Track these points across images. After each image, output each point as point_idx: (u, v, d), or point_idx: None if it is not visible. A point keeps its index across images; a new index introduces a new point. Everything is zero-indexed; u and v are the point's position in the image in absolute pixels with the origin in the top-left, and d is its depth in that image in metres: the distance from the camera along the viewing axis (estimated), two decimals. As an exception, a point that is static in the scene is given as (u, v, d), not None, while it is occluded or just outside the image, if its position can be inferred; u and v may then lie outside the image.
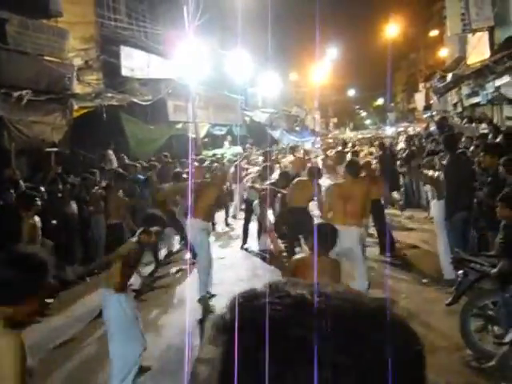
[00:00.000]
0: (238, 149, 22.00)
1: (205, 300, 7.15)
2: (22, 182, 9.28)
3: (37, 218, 7.23)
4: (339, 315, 0.68)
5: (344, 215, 6.39)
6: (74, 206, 9.40)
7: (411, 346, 0.70)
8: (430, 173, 7.88)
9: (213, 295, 7.44)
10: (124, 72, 15.47)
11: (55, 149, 11.59)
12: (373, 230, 9.90)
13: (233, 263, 9.64)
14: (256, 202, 10.31)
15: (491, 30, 16.80)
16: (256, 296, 0.72)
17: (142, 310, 5.58)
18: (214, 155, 18.33)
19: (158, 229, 5.35)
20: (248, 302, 0.72)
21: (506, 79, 14.21)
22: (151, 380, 5.16)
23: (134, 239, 5.13)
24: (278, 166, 14.16)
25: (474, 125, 15.72)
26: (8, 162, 10.10)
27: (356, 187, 6.72)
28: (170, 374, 5.26)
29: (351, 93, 69.35)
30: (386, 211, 9.96)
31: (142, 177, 11.51)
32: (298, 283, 0.75)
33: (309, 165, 12.02)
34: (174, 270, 9.37)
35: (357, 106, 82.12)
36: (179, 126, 18.30)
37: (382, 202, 9.43)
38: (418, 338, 0.72)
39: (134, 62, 15.92)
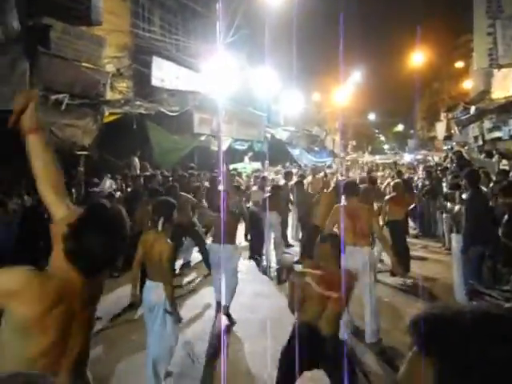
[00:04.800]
0: (258, 165, 22.32)
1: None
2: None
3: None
4: None
5: (353, 235, 6.51)
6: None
7: None
8: (450, 206, 8.08)
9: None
10: (154, 82, 15.83)
11: (85, 152, 11.93)
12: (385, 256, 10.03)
13: (252, 276, 9.91)
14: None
15: (518, 67, 17.05)
16: None
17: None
18: (235, 169, 18.62)
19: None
20: None
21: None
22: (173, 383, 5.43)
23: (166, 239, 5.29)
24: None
25: (494, 160, 15.86)
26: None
27: (362, 208, 6.86)
28: (189, 378, 5.54)
29: (372, 117, 69.53)
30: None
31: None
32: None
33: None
34: (185, 281, 9.67)
35: (376, 130, 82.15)
36: (203, 138, 18.60)
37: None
38: None
39: (164, 73, 16.28)
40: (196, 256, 10.84)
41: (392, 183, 10.22)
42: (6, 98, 9.52)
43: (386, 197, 10.06)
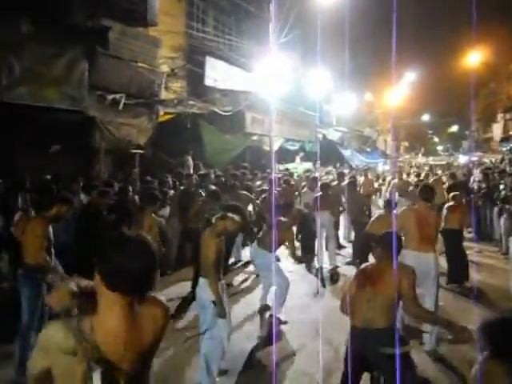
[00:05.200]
0: (309, 165, 22.23)
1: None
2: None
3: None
4: None
5: (419, 240, 6.36)
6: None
7: None
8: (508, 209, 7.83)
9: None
10: (207, 82, 16.00)
11: (140, 151, 12.18)
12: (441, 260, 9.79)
13: (303, 277, 9.87)
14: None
15: None
16: None
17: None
18: (287, 169, 18.60)
19: (236, 217, 5.33)
20: None
21: None
22: (226, 381, 5.50)
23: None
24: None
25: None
26: (97, 160, 10.78)
27: (430, 214, 6.69)
28: (239, 376, 5.62)
29: (425, 117, 68.09)
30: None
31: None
32: None
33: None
34: (239, 279, 9.72)
35: (430, 131, 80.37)
36: (255, 137, 18.65)
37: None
38: None
39: (217, 73, 16.44)
40: (247, 255, 10.88)
41: (451, 194, 9.92)
42: (67, 97, 9.85)
43: (445, 205, 9.82)
